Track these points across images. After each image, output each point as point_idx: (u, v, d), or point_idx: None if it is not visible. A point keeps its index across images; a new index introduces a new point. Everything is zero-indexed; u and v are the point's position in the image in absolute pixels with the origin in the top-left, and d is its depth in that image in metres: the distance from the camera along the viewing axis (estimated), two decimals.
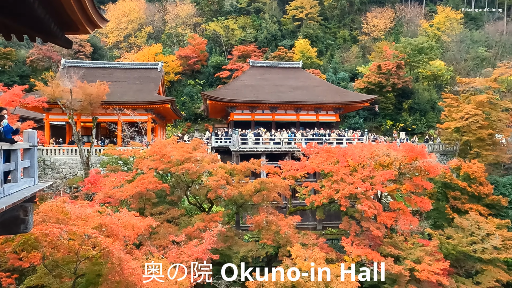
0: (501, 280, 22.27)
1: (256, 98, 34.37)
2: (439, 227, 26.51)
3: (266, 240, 18.54)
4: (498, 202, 26.29)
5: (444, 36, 54.95)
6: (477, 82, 34.42)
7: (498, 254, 22.12)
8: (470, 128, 30.24)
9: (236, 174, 21.08)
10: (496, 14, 65.23)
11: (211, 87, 50.97)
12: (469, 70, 48.72)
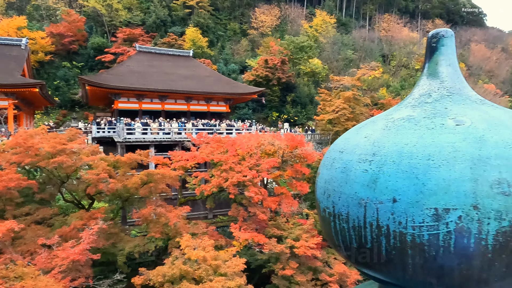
0: None
1: (143, 86, 32.46)
2: (314, 207, 30.07)
3: (154, 233, 17.98)
4: None
5: (321, 37, 61.50)
6: (345, 81, 39.85)
7: None
8: (339, 120, 34.88)
9: (121, 166, 19.71)
10: (361, 22, 76.20)
11: (91, 71, 45.91)
12: (340, 69, 55.86)
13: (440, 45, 1.36)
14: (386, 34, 68.18)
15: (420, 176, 0.97)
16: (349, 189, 1.12)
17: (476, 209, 0.90)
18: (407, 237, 0.97)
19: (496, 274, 0.92)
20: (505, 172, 0.91)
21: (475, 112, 1.10)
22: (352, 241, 1.13)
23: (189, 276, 14.75)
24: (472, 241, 0.91)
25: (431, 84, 1.34)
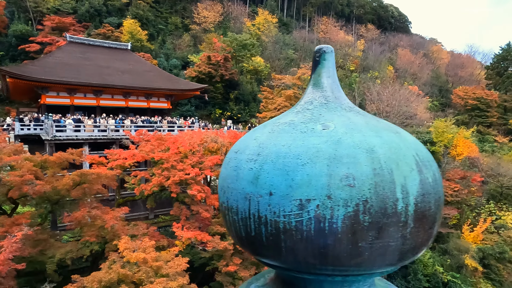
0: None
1: (76, 79, 30.15)
2: None
3: (89, 237, 16.90)
4: None
5: (263, 36, 62.53)
6: (286, 79, 41.11)
7: None
8: None
9: (50, 166, 18.15)
10: (301, 23, 78.98)
11: (13, 62, 41.33)
12: (282, 68, 57.42)
13: (322, 59, 1.51)
14: (324, 36, 71.57)
15: (290, 172, 1.15)
16: (238, 185, 1.28)
17: (330, 199, 1.10)
18: (280, 225, 1.16)
19: (345, 251, 1.13)
20: (352, 168, 1.12)
21: (340, 118, 1.31)
22: (241, 231, 1.29)
23: (128, 280, 14.14)
24: (327, 224, 1.11)
25: (314, 93, 1.52)
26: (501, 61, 66.30)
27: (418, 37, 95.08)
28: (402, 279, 30.16)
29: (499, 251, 32.59)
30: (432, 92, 64.11)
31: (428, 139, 40.14)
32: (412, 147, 1.26)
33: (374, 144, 1.18)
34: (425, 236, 1.22)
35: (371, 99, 48.38)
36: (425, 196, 1.18)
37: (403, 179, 1.14)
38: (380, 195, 1.11)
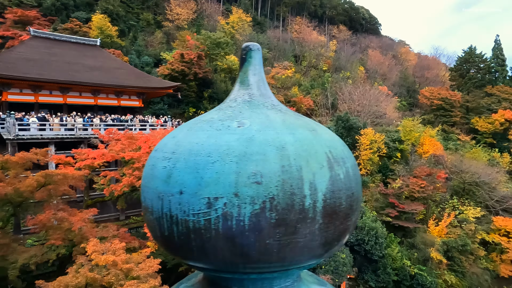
0: None
1: (41, 76, 28.81)
2: None
3: (55, 241, 16.23)
4: None
5: (237, 35, 62.37)
6: None
7: None
8: None
9: (11, 167, 17.27)
10: (275, 23, 79.46)
11: None
12: None
13: (249, 57, 1.52)
14: (298, 36, 72.36)
15: (200, 170, 1.15)
16: (153, 184, 1.26)
17: (237, 196, 1.10)
18: (190, 224, 1.15)
19: (253, 248, 1.13)
20: (260, 166, 1.12)
21: (259, 116, 1.31)
22: (157, 231, 1.28)
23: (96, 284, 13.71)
24: (234, 222, 1.11)
25: (239, 90, 1.52)
26: (463, 63, 69.78)
27: (388, 39, 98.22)
28: (372, 273, 31.14)
29: (462, 244, 34.34)
30: (400, 93, 66.48)
31: (396, 137, 41.64)
32: (326, 145, 1.26)
33: (286, 141, 1.18)
34: (337, 231, 1.23)
35: (343, 98, 49.50)
36: (335, 193, 1.19)
37: (312, 176, 1.15)
38: (287, 192, 1.10)
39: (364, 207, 32.93)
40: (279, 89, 50.23)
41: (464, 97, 63.66)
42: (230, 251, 1.14)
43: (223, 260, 1.17)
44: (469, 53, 68.74)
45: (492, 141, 56.26)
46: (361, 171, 37.98)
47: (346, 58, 68.12)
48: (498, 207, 40.23)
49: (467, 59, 69.07)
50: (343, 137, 39.09)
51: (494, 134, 56.70)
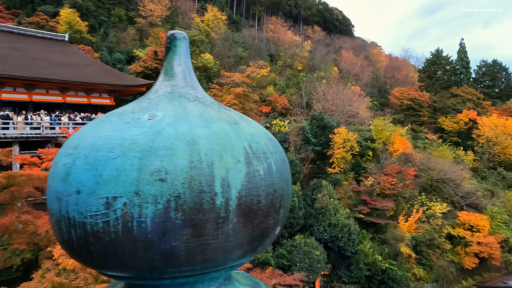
0: None
1: (3, 72, 27.33)
2: None
3: (19, 245, 15.51)
4: None
5: (212, 33, 61.86)
6: (236, 77, 41.16)
7: None
8: None
9: None
10: (250, 22, 79.48)
11: None
12: (232, 66, 57.32)
13: (173, 46, 1.42)
14: (273, 36, 72.74)
15: (99, 167, 1.04)
16: (52, 183, 1.15)
17: (138, 196, 1.01)
18: (87, 226, 1.04)
19: (158, 252, 1.04)
20: (166, 161, 1.03)
21: (176, 108, 1.22)
22: (58, 235, 1.16)
23: None
24: (135, 224, 1.01)
25: (163, 81, 1.42)
26: (431, 65, 72.68)
27: (360, 40, 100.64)
28: (345, 269, 31.85)
29: (429, 238, 35.78)
30: (372, 93, 68.32)
31: (368, 136, 42.77)
32: (246, 139, 1.18)
33: (199, 135, 1.09)
34: (257, 231, 1.15)
35: (317, 98, 50.26)
36: (253, 190, 1.11)
37: (225, 172, 1.07)
38: (196, 190, 1.02)
39: (338, 204, 33.63)
40: (254, 88, 50.28)
41: (432, 97, 66.30)
42: (134, 256, 1.04)
43: (128, 266, 1.07)
44: (436, 55, 71.69)
45: (457, 140, 58.96)
46: (335, 169, 38.75)
47: (320, 58, 69.22)
48: (462, 202, 42.25)
49: (434, 61, 72.00)
50: (318, 136, 39.73)
51: (459, 133, 59.45)
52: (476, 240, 37.40)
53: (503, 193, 49.09)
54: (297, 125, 41.97)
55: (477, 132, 56.44)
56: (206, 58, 52.08)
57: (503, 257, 39.76)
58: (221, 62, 56.64)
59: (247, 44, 66.11)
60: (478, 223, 38.39)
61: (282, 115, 47.19)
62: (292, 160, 35.59)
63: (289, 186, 1.30)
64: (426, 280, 35.08)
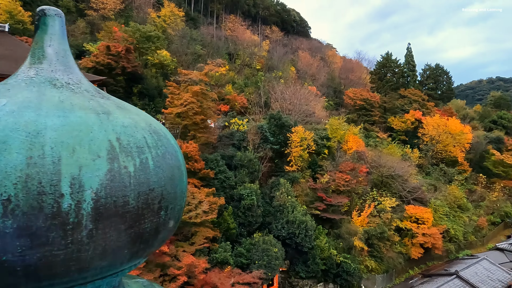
0: (208, 237, 27.93)
1: None
2: None
3: None
4: (208, 175, 32.31)
5: (169, 29, 60.30)
6: (193, 75, 40.37)
7: (206, 216, 27.49)
8: (188, 114, 35.16)
9: None
10: (208, 19, 78.59)
11: None
12: (189, 63, 56.28)
13: (43, 25, 1.24)
14: (231, 34, 72.54)
15: None
16: None
17: None
18: None
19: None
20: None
21: (30, 94, 1.03)
22: None
23: None
24: None
25: (28, 65, 1.26)
26: (381, 67, 76.72)
27: (317, 41, 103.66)
28: (302, 264, 32.64)
29: (380, 232, 37.77)
30: (328, 93, 70.69)
31: (324, 135, 44.16)
32: (115, 131, 1.00)
33: (47, 125, 0.90)
34: (127, 237, 0.97)
35: (275, 97, 50.93)
36: (117, 190, 0.95)
37: (76, 169, 0.89)
38: (33, 192, 0.84)
39: (295, 202, 34.36)
40: (213, 86, 49.80)
41: (382, 98, 70.00)
42: None
43: None
44: (386, 58, 75.81)
45: (405, 138, 62.89)
46: (292, 167, 39.53)
47: (279, 58, 70.25)
48: (409, 197, 45.13)
49: (384, 64, 76.08)
50: (276, 134, 40.29)
51: (406, 132, 63.39)
52: (421, 231, 40.14)
53: (444, 187, 53.18)
54: (256, 124, 42.23)
55: (422, 131, 60.59)
56: (163, 55, 50.67)
57: (444, 246, 43.09)
58: (179, 59, 55.41)
59: (205, 42, 65.31)
60: (423, 215, 41.23)
61: (241, 114, 47.22)
62: (250, 159, 35.78)
63: (176, 184, 1.13)
64: (377, 271, 37.03)
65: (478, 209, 55.87)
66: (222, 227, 30.30)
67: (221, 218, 30.55)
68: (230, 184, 33.26)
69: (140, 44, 48.06)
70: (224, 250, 27.94)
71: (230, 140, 39.08)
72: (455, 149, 58.46)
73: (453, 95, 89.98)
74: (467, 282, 33.22)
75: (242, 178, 34.28)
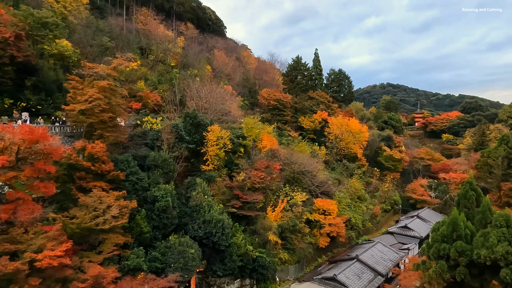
0: (119, 243, 26.01)
1: None
2: (65, 209, 26.48)
3: None
4: (117, 177, 30.06)
5: (71, 17, 54.28)
6: (100, 69, 37.03)
7: (116, 222, 25.55)
8: (93, 111, 32.19)
9: None
10: (117, 10, 73.07)
11: None
12: (95, 56, 51.50)
13: None
14: (144, 28, 68.75)
15: None
16: None
17: None
18: None
19: None
20: None
21: None
22: None
23: None
24: None
25: None
26: (292, 70, 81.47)
27: (232, 41, 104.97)
28: (219, 263, 32.77)
29: (292, 225, 40.13)
30: (243, 93, 72.20)
31: (240, 134, 44.98)
32: None
33: None
34: None
35: (191, 95, 50.01)
36: None
37: None
38: None
39: (212, 201, 34.29)
40: (123, 82, 46.53)
41: (294, 99, 74.40)
42: None
43: None
44: (297, 61, 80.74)
45: (313, 137, 68.07)
46: (209, 166, 39.36)
47: (194, 55, 69.09)
48: (318, 191, 48.96)
49: (295, 67, 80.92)
50: (192, 133, 39.54)
51: (315, 131, 68.59)
52: (328, 222, 43.92)
53: (346, 181, 59.17)
54: (171, 122, 40.85)
55: (328, 130, 66.37)
56: (63, 45, 45.40)
57: (347, 234, 47.93)
58: (82, 51, 50.33)
59: (114, 34, 60.56)
60: (329, 207, 45.18)
61: (154, 112, 45.12)
62: (165, 158, 34.48)
63: None
64: (290, 262, 39.30)
65: (373, 199, 63.54)
66: (134, 231, 28.58)
67: (133, 223, 28.80)
68: (143, 185, 31.58)
69: (34, 31, 42.25)
70: (137, 256, 26.41)
71: (142, 139, 37.06)
72: (355, 146, 65.38)
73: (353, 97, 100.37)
74: (365, 264, 37.54)
75: (156, 179, 32.84)
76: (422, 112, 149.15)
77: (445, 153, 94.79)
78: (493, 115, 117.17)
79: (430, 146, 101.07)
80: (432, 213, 60.41)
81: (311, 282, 35.51)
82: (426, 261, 25.58)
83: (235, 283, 33.81)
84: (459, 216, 24.07)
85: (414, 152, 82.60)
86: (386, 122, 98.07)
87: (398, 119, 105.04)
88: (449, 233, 23.87)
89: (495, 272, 21.18)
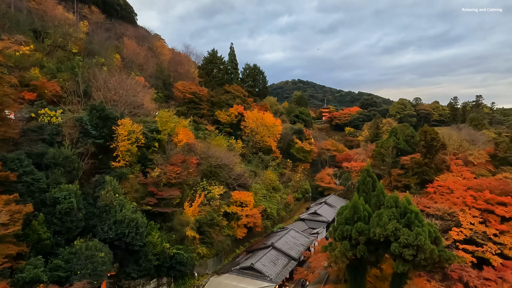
0: (11, 254, 22.65)
1: None
2: None
3: None
4: (7, 178, 26.05)
5: None
6: None
7: (6, 230, 22.16)
8: None
9: None
10: None
11: None
12: None
13: None
14: (37, 7, 60.14)
15: None
16: None
17: None
18: None
19: None
20: None
21: None
22: None
23: None
24: None
25: None
26: (208, 63, 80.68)
27: (144, 30, 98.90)
28: (134, 264, 31.06)
29: (210, 219, 40.13)
30: (157, 85, 68.89)
31: (154, 128, 42.95)
32: None
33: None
34: None
35: (97, 86, 45.86)
36: None
37: None
38: None
39: (124, 199, 32.16)
40: (11, 68, 40.25)
41: (210, 92, 73.93)
42: None
43: None
44: (212, 55, 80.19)
45: (230, 130, 68.85)
46: (120, 162, 36.79)
47: (100, 43, 63.19)
48: (235, 183, 49.80)
49: (211, 60, 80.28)
50: (99, 128, 36.31)
51: (231, 124, 69.38)
52: (245, 213, 45.09)
53: (262, 172, 61.45)
54: (74, 115, 36.90)
55: (244, 124, 67.77)
56: None
57: (263, 223, 49.94)
58: None
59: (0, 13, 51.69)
60: (246, 199, 46.38)
61: (53, 104, 40.15)
62: (67, 155, 31.07)
63: None
64: (208, 256, 39.32)
65: (287, 188, 67.35)
66: (30, 239, 25.21)
67: (28, 229, 25.36)
68: (41, 187, 27.98)
69: None
70: (34, 267, 23.39)
71: (39, 134, 32.73)
72: (269, 139, 68.18)
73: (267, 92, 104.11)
74: (280, 251, 39.68)
75: (56, 178, 29.39)
76: (328, 107, 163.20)
77: (348, 144, 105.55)
78: (385, 111, 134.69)
79: (335, 138, 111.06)
80: (337, 199, 66.72)
81: (229, 274, 36.12)
82: (332, 242, 28.25)
83: (151, 284, 32.49)
84: (359, 200, 27.08)
85: (322, 144, 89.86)
86: (298, 116, 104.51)
87: (308, 113, 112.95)
88: (351, 215, 26.71)
89: (387, 247, 24.46)
